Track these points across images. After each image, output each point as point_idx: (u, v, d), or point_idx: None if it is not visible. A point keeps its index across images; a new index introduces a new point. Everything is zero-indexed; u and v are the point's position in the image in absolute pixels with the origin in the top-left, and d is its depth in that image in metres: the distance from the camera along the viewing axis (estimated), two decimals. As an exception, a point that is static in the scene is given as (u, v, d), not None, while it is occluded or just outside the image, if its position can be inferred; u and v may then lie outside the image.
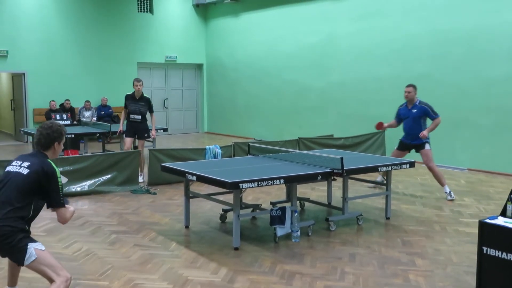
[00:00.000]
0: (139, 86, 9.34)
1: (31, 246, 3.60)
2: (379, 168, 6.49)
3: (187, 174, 5.88)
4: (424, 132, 7.92)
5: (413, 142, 8.11)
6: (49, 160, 3.81)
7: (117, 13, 16.74)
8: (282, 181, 5.64)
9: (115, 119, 15.77)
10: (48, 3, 15.59)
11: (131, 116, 9.40)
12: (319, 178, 5.95)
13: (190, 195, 6.41)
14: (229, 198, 6.26)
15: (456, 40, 10.83)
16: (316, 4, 14.11)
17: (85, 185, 8.30)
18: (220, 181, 5.39)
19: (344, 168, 5.86)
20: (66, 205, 3.80)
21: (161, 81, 18.26)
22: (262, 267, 5.06)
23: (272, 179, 5.51)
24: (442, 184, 8.06)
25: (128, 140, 9.55)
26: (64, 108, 15.06)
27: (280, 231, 5.82)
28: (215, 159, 9.00)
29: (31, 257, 3.59)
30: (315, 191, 8.44)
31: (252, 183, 5.33)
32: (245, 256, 5.38)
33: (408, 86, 8.24)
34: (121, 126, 9.84)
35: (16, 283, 4.19)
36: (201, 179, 5.68)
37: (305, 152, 7.57)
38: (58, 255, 5.38)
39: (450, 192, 7.94)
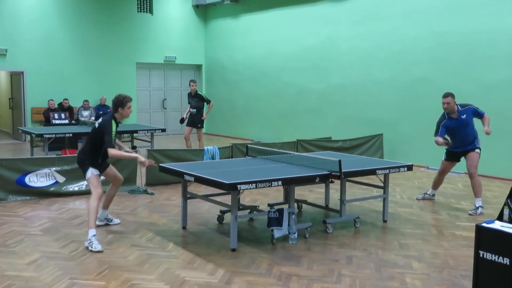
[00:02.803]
0: (194, 86, 11.68)
1: (90, 170, 5.84)
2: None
3: (185, 175, 5.88)
4: (488, 129, 7.28)
5: (466, 148, 7.50)
6: (112, 118, 5.80)
7: (116, 13, 16.74)
8: (280, 183, 5.64)
9: (113, 119, 15.74)
10: (48, 2, 15.59)
11: (190, 109, 11.73)
12: (317, 180, 5.95)
13: (188, 195, 6.41)
14: (227, 199, 6.27)
15: (456, 44, 10.86)
16: (316, 6, 14.14)
17: (83, 184, 8.29)
18: (218, 182, 5.40)
19: (342, 171, 5.87)
20: (113, 147, 5.73)
21: (160, 82, 18.26)
22: (259, 268, 5.07)
23: (270, 181, 5.52)
24: (476, 196, 7.47)
25: (186, 129, 11.95)
26: (63, 107, 15.05)
27: (278, 232, 5.83)
28: (213, 160, 9.01)
29: (87, 175, 5.86)
30: (312, 193, 8.45)
31: (250, 185, 5.33)
32: (242, 257, 5.38)
33: (446, 96, 7.37)
34: (185, 115, 12.03)
35: (107, 207, 6.53)
36: (199, 180, 5.68)
37: (303, 154, 7.58)
38: (55, 254, 5.39)
39: (478, 208, 7.34)
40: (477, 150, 7.51)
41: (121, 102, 5.87)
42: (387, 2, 12.26)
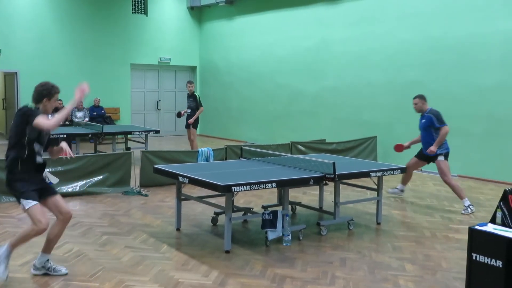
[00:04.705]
0: (191, 87, 11.92)
1: None
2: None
3: (179, 177, 5.88)
4: (432, 148, 7.55)
5: (426, 153, 7.76)
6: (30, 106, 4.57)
7: (111, 14, 16.71)
8: (274, 185, 5.65)
9: (107, 120, 15.72)
10: (42, 2, 15.54)
11: (187, 110, 12.00)
12: (311, 182, 5.97)
13: (182, 197, 6.41)
14: (221, 201, 6.26)
15: (449, 48, 10.92)
16: (311, 9, 14.17)
17: (77, 186, 8.27)
18: (212, 184, 5.40)
19: (336, 173, 5.88)
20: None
21: (154, 83, 18.24)
22: (253, 270, 5.08)
23: (264, 183, 5.53)
24: (460, 198, 7.65)
25: (187, 131, 12.19)
26: (56, 108, 14.95)
27: (271, 234, 5.83)
28: (208, 162, 9.01)
29: None
30: (306, 195, 8.46)
31: (244, 187, 5.34)
32: (236, 259, 5.39)
33: (414, 98, 7.87)
34: (182, 112, 12.33)
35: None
36: (193, 181, 5.69)
37: (297, 156, 7.59)
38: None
39: (469, 206, 7.53)
40: (440, 158, 7.68)
41: (48, 91, 4.70)
42: (381, 5, 12.31)
